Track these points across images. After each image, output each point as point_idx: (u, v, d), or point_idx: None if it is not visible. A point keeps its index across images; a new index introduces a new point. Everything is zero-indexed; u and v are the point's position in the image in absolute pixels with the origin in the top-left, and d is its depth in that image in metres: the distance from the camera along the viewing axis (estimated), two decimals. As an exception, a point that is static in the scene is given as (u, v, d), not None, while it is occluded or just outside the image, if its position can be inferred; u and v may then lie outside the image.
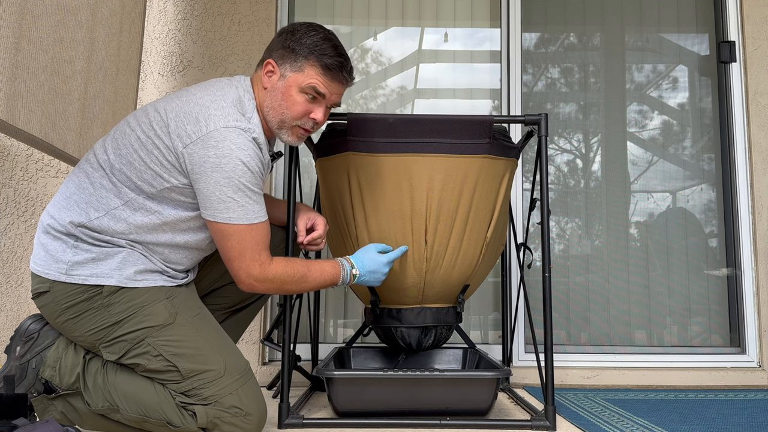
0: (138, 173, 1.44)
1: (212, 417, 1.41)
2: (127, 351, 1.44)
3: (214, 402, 1.41)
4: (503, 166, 1.85)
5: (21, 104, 1.51)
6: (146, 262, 1.48)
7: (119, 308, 1.43)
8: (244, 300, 1.77)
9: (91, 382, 1.46)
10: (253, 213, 1.44)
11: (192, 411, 1.42)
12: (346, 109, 2.71)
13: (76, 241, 1.44)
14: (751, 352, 2.53)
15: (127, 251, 1.45)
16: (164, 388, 1.44)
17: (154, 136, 1.44)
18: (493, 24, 2.78)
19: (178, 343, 1.44)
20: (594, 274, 2.66)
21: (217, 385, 1.43)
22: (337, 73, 1.53)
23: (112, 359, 1.45)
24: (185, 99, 1.48)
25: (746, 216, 2.60)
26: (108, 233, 1.44)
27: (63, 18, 1.69)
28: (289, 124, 1.53)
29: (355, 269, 1.64)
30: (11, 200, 2.37)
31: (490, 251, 1.90)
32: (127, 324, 1.43)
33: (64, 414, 1.48)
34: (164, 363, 1.43)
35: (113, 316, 1.43)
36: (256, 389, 1.49)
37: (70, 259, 1.42)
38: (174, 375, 1.43)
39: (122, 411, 1.44)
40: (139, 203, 1.45)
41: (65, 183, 1.51)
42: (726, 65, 2.71)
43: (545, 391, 1.70)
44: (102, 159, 1.48)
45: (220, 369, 1.44)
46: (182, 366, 1.42)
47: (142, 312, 1.44)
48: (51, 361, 1.47)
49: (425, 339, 1.94)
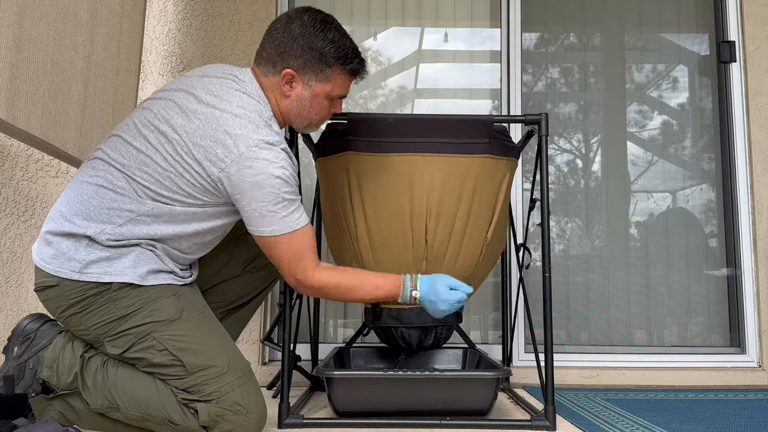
0: (169, 191, 1.44)
1: (214, 414, 1.41)
2: (132, 345, 1.44)
3: (217, 399, 1.41)
4: (503, 166, 1.85)
5: (21, 104, 1.51)
6: (158, 263, 1.48)
7: (126, 302, 1.43)
8: (241, 297, 1.78)
9: (90, 380, 1.46)
10: (294, 220, 1.46)
11: (194, 408, 1.42)
12: (346, 109, 2.71)
13: (91, 242, 1.43)
14: (751, 352, 2.53)
15: (140, 250, 1.45)
16: (166, 385, 1.44)
17: (182, 161, 1.43)
18: (493, 24, 2.78)
19: (183, 338, 1.44)
20: (594, 274, 2.66)
21: (221, 382, 1.43)
22: (361, 74, 1.61)
23: (116, 353, 1.45)
24: (202, 118, 1.43)
25: (746, 216, 2.60)
26: (127, 237, 1.44)
27: (63, 18, 1.69)
28: (316, 124, 1.63)
29: (417, 291, 1.60)
30: (11, 200, 2.37)
31: (490, 251, 1.90)
32: (134, 318, 1.43)
33: (62, 414, 1.48)
34: (169, 357, 1.43)
35: (120, 310, 1.43)
36: (256, 388, 1.49)
37: (84, 258, 1.42)
38: (178, 370, 1.43)
39: (122, 409, 1.44)
40: (165, 211, 1.45)
41: (78, 185, 1.47)
42: (726, 65, 2.71)
43: (545, 391, 1.70)
44: (123, 168, 1.45)
45: (224, 366, 1.44)
46: (187, 361, 1.43)
47: (148, 307, 1.44)
48: (48, 361, 1.47)
49: (425, 339, 1.94)
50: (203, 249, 1.59)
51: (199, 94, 1.48)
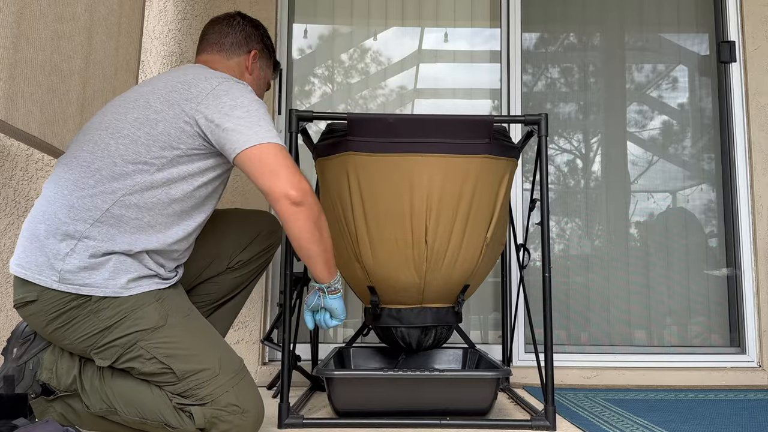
0: (146, 148, 1.43)
1: (209, 416, 1.41)
2: (120, 356, 1.42)
3: (211, 401, 1.41)
4: (503, 166, 1.85)
5: (19, 104, 1.51)
6: (139, 268, 1.44)
7: (108, 313, 1.41)
8: (227, 294, 1.78)
9: (88, 384, 1.45)
10: (279, 139, 1.46)
11: (189, 412, 1.41)
12: (346, 109, 2.71)
13: (71, 248, 1.39)
14: (751, 352, 2.53)
15: (118, 257, 1.42)
16: (161, 390, 1.44)
17: (159, 110, 1.44)
18: (493, 24, 2.77)
19: (170, 345, 1.43)
20: (594, 274, 2.66)
21: (213, 384, 1.42)
22: (277, 70, 1.91)
23: (105, 365, 1.43)
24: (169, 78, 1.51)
25: (746, 216, 2.60)
26: (107, 238, 1.41)
27: (61, 18, 1.69)
28: None
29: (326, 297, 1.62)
30: (11, 200, 2.37)
31: (490, 251, 1.90)
32: (118, 329, 1.41)
33: (63, 415, 1.48)
34: (159, 365, 1.41)
35: (102, 321, 1.41)
36: (252, 386, 1.48)
37: (62, 267, 1.38)
38: (169, 377, 1.42)
39: (120, 413, 1.44)
40: (147, 183, 1.43)
41: (55, 182, 1.46)
42: (726, 65, 2.71)
43: (545, 391, 1.70)
44: (95, 148, 1.44)
45: (215, 368, 1.43)
46: (177, 367, 1.41)
47: (132, 316, 1.42)
48: (48, 364, 1.47)
49: (425, 339, 1.94)
50: (186, 238, 1.53)
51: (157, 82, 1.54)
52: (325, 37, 2.77)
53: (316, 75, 2.77)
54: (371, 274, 1.86)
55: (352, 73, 2.77)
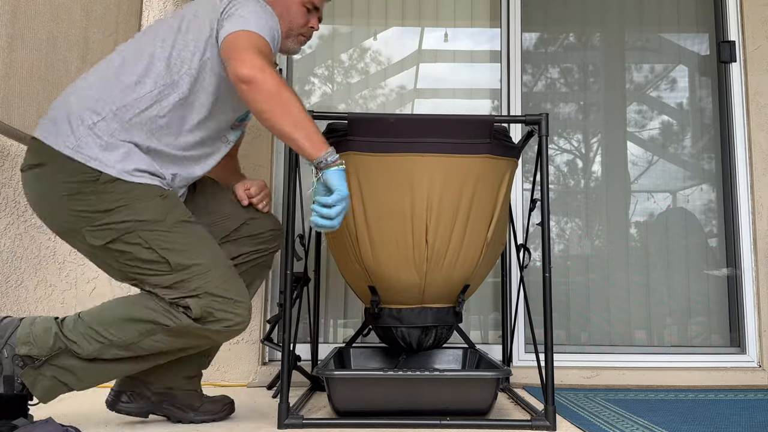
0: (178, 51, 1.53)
1: (204, 306, 1.46)
2: (115, 239, 1.47)
3: (203, 292, 1.46)
4: (504, 166, 1.85)
5: (16, 104, 1.52)
6: (148, 163, 1.51)
7: (112, 197, 1.46)
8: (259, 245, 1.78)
9: (73, 334, 1.47)
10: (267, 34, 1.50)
11: (184, 305, 1.46)
12: (346, 109, 2.71)
13: (95, 122, 1.47)
14: (751, 352, 2.53)
15: (131, 147, 1.49)
16: (149, 296, 1.48)
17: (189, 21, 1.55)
18: (493, 24, 2.77)
19: (167, 240, 1.48)
20: (594, 274, 2.66)
21: (204, 278, 1.48)
22: None
23: (96, 244, 1.47)
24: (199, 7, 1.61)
25: (746, 216, 2.60)
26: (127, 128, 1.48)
27: (56, 18, 1.70)
28: (295, 33, 1.74)
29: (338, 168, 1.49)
30: (11, 200, 2.36)
31: (490, 251, 1.90)
32: (119, 213, 1.46)
33: (56, 378, 1.47)
34: (155, 255, 1.47)
35: (104, 203, 1.46)
36: (239, 282, 1.55)
37: (81, 136, 1.46)
38: (162, 266, 1.47)
39: (114, 340, 1.46)
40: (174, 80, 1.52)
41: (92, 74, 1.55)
42: (726, 65, 2.71)
43: (545, 391, 1.70)
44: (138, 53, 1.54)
45: (208, 264, 1.49)
46: (172, 259, 1.47)
47: (134, 205, 1.47)
48: (23, 338, 1.47)
49: (425, 339, 1.94)
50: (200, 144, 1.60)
51: None
52: (325, 36, 2.77)
53: (316, 75, 2.77)
54: (372, 274, 1.86)
55: (352, 72, 2.77)
